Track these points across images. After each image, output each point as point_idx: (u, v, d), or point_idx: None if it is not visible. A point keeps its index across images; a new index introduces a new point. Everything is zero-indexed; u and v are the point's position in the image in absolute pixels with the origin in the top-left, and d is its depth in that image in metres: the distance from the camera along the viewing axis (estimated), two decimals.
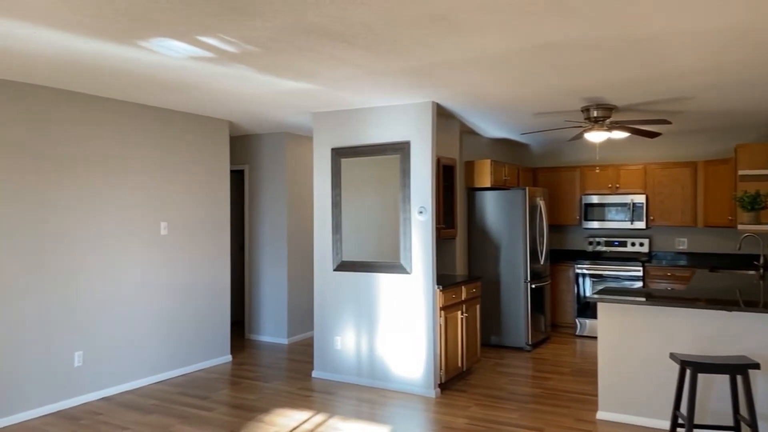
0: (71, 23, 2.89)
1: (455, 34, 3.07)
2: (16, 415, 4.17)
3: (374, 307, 5.11)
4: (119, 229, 4.89)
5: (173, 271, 5.37)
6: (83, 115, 4.62)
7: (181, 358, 5.45)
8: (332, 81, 4.16)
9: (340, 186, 5.30)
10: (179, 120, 5.44)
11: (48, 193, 4.38)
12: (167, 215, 5.32)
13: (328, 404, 4.61)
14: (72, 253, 4.53)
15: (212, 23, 2.88)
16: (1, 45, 3.26)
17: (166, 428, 4.07)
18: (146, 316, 5.12)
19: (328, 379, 5.30)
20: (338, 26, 2.93)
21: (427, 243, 4.86)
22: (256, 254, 7.00)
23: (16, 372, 4.18)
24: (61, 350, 4.47)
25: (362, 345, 5.17)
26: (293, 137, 6.87)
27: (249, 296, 7.07)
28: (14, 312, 4.16)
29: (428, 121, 4.87)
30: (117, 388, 4.87)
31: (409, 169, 4.94)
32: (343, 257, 5.28)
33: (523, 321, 6.40)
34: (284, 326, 6.76)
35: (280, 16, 2.78)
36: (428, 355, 4.84)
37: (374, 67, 3.77)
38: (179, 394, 4.86)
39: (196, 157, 5.63)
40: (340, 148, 5.29)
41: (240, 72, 3.89)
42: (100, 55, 3.47)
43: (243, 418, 4.29)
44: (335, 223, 5.32)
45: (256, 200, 7.00)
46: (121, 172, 4.92)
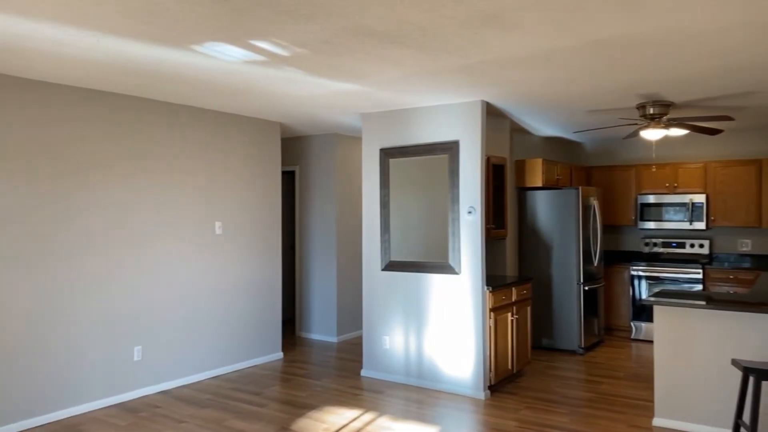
0: (133, 31, 3.00)
1: (506, 33, 3.04)
2: (82, 405, 4.37)
3: (422, 307, 5.11)
4: (177, 228, 5.06)
5: (227, 270, 5.52)
6: (144, 119, 4.79)
7: (235, 355, 5.59)
8: (381, 81, 4.18)
9: (388, 186, 5.32)
10: (233, 123, 5.58)
11: (112, 195, 4.57)
12: (222, 215, 5.47)
13: (377, 403, 4.63)
14: (133, 252, 4.72)
15: (265, 28, 2.94)
16: (67, 53, 3.43)
17: (221, 422, 4.19)
18: (201, 313, 5.28)
19: (377, 378, 5.33)
20: (388, 27, 2.94)
21: (476, 243, 4.82)
22: (306, 254, 7.10)
23: (82, 365, 4.38)
24: (122, 345, 4.65)
25: (410, 345, 5.18)
26: (343, 138, 6.93)
27: (299, 295, 7.18)
28: (80, 308, 4.36)
29: (477, 121, 4.83)
30: (174, 383, 5.03)
31: (458, 168, 4.91)
32: (391, 257, 5.29)
33: (575, 324, 6.26)
34: (333, 325, 6.84)
35: (331, 19, 2.81)
36: (477, 357, 4.80)
37: (424, 67, 3.77)
38: (233, 389, 4.98)
39: (250, 158, 5.76)
40: (389, 148, 5.31)
41: (291, 74, 3.96)
42: (158, 60, 3.59)
43: (294, 414, 4.36)
44: (383, 223, 5.34)
45: (307, 200, 7.10)
46: (180, 174, 5.08)
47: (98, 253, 4.49)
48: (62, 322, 4.26)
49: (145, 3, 2.60)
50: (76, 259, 4.34)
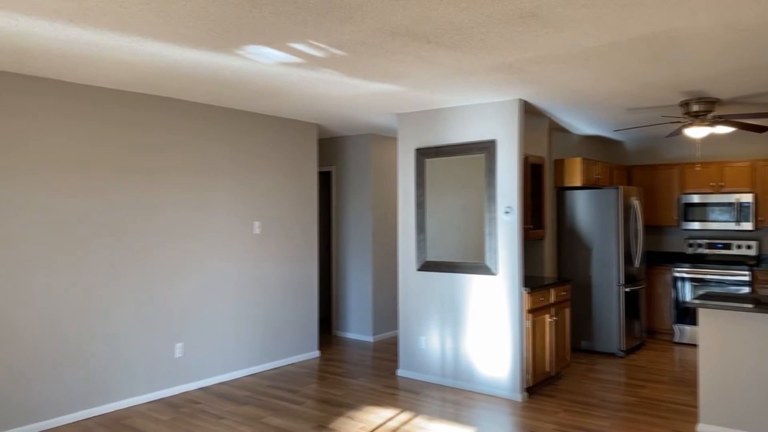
0: (174, 35, 3.08)
1: (544, 30, 3.00)
2: (126, 400, 4.50)
3: (458, 308, 5.08)
4: (216, 228, 5.16)
5: (265, 269, 5.60)
6: (183, 122, 4.90)
7: (272, 353, 5.67)
8: (417, 81, 4.18)
9: (424, 186, 5.31)
10: (272, 124, 5.66)
11: (153, 196, 4.69)
12: (260, 215, 5.55)
13: (413, 403, 4.63)
14: (174, 251, 4.83)
15: (303, 30, 2.97)
16: (111, 57, 3.53)
17: (258, 419, 4.25)
18: (240, 311, 5.37)
19: (413, 378, 5.33)
20: (424, 27, 2.94)
21: (514, 244, 4.78)
22: (342, 253, 7.15)
23: (125, 361, 4.51)
24: (164, 342, 4.77)
25: (447, 345, 5.16)
26: (379, 138, 6.95)
27: (335, 294, 7.23)
28: (125, 305, 4.49)
29: (515, 119, 4.78)
30: (213, 379, 5.14)
31: (495, 168, 4.87)
32: (427, 257, 5.28)
33: (616, 326, 6.14)
34: (369, 324, 6.87)
35: (368, 20, 2.83)
36: (514, 358, 4.75)
37: (460, 66, 3.75)
38: (270, 386, 5.05)
39: (287, 159, 5.83)
40: (425, 148, 5.30)
41: (328, 76, 3.99)
42: (198, 63, 3.67)
43: (330, 412, 4.40)
44: (419, 223, 5.33)
45: (343, 201, 7.15)
46: (219, 175, 5.18)
47: (142, 253, 4.61)
48: (109, 320, 4.40)
49: (187, 8, 2.66)
50: (120, 259, 4.47)
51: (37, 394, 4.01)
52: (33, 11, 2.71)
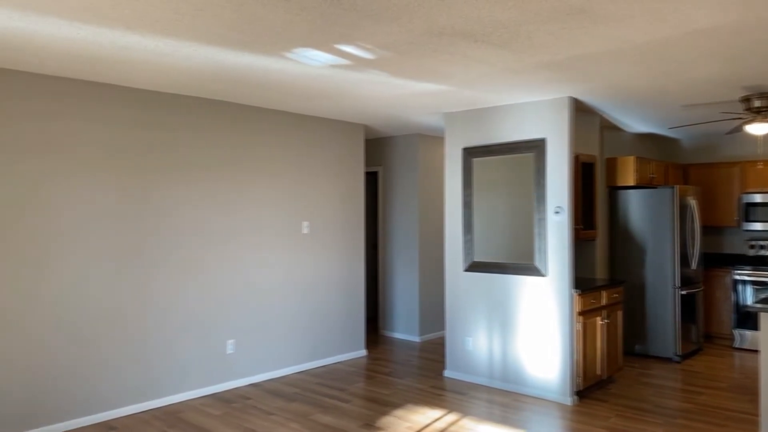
0: (226, 40, 3.16)
1: (595, 26, 2.94)
2: (180, 394, 4.65)
3: (507, 309, 5.03)
4: (267, 227, 5.27)
5: (313, 268, 5.68)
6: (234, 124, 5.03)
7: (320, 351, 5.75)
8: (465, 80, 4.16)
9: (471, 186, 5.28)
10: (319, 125, 5.74)
11: (206, 196, 4.83)
12: (308, 215, 5.64)
13: (460, 404, 4.61)
14: (226, 250, 4.96)
15: (351, 32, 3.01)
16: (167, 62, 3.66)
17: (307, 416, 4.32)
18: (289, 309, 5.47)
19: (460, 380, 5.30)
20: (472, 26, 2.92)
21: (564, 244, 4.69)
22: (388, 253, 7.18)
23: (180, 357, 4.66)
24: (216, 339, 4.90)
25: (494, 347, 5.11)
26: (425, 138, 6.95)
27: (382, 294, 7.26)
28: (180, 302, 4.64)
29: (565, 118, 4.69)
30: (263, 376, 5.24)
31: (545, 167, 4.79)
32: (474, 257, 5.25)
33: (671, 330, 5.94)
34: (416, 324, 6.86)
35: (415, 20, 2.83)
36: (564, 361, 4.66)
37: (508, 65, 3.71)
38: (319, 384, 5.12)
39: (335, 160, 5.90)
40: (472, 147, 5.26)
41: (375, 77, 4.02)
42: (248, 67, 3.76)
43: (377, 411, 4.42)
44: (466, 223, 5.30)
45: (389, 201, 7.17)
46: (269, 176, 5.29)
47: (197, 251, 4.75)
48: (165, 316, 4.55)
49: (239, 13, 2.73)
50: (176, 257, 4.62)
51: (98, 387, 4.18)
52: (94, 20, 2.83)
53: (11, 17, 2.80)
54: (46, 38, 3.13)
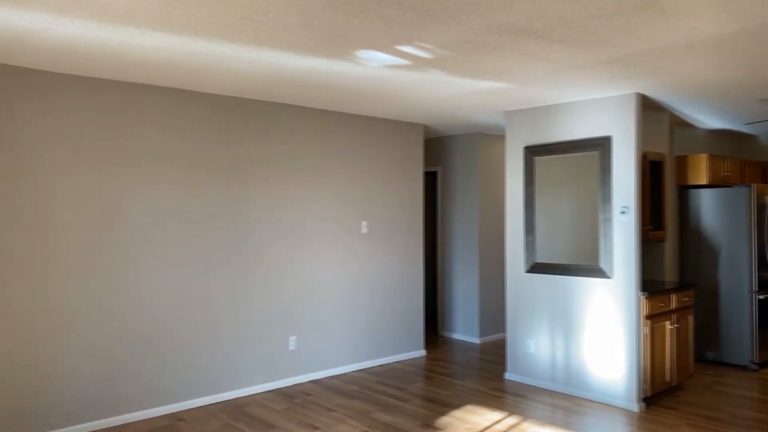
0: (289, 44, 3.24)
1: (664, 19, 2.83)
2: (244, 389, 4.80)
3: (570, 312, 4.91)
4: (327, 227, 5.36)
5: (372, 268, 5.73)
6: (295, 126, 5.14)
7: (380, 349, 5.79)
8: (526, 78, 4.09)
9: (533, 185, 5.18)
10: (379, 126, 5.78)
11: (268, 197, 4.96)
12: (367, 215, 5.69)
13: (521, 407, 4.53)
14: (288, 248, 5.07)
15: (410, 32, 3.02)
16: (232, 68, 3.78)
17: (367, 414, 4.36)
18: (349, 308, 5.53)
19: (521, 382, 5.21)
20: (532, 22, 2.88)
21: (631, 246, 4.53)
22: (448, 253, 7.14)
23: (244, 352, 4.80)
24: (279, 335, 5.02)
25: (557, 350, 5.00)
26: (485, 137, 6.87)
27: (441, 294, 7.24)
28: (244, 300, 4.79)
29: (631, 115, 4.54)
30: (324, 373, 5.33)
31: (610, 166, 4.64)
32: (536, 259, 5.15)
33: (747, 336, 5.63)
34: (476, 325, 6.80)
35: (474, 19, 2.81)
36: (630, 366, 4.51)
37: (571, 61, 3.63)
38: (378, 383, 5.16)
39: (394, 160, 5.93)
40: (534, 146, 5.17)
41: (435, 76, 4.01)
42: (311, 70, 3.83)
43: (436, 412, 4.42)
44: (528, 224, 5.21)
45: (449, 201, 7.14)
46: (329, 176, 5.37)
47: (262, 249, 4.89)
48: (230, 313, 4.71)
49: (300, 17, 2.79)
50: (240, 256, 4.77)
51: (167, 379, 4.37)
52: (164, 27, 2.96)
53: (89, 27, 2.96)
54: (121, 46, 3.29)
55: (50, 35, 3.09)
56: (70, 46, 3.29)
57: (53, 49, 3.35)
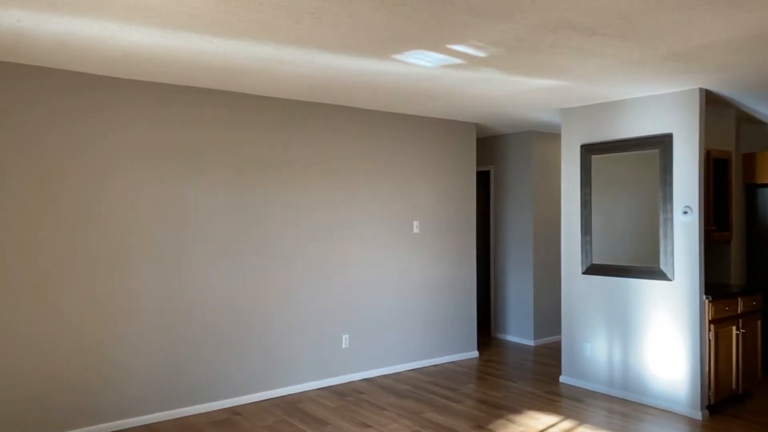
0: (340, 46, 3.28)
1: (729, 11, 2.71)
2: (298, 385, 4.89)
3: (628, 315, 4.76)
4: (379, 227, 5.39)
5: (424, 268, 5.72)
6: (346, 127, 5.19)
7: (432, 350, 5.78)
8: (582, 75, 4.00)
9: (589, 184, 5.06)
10: (430, 126, 5.77)
11: (322, 197, 5.03)
12: (419, 215, 5.69)
13: (577, 411, 4.43)
14: (341, 248, 5.14)
15: (462, 31, 3.01)
16: (285, 70, 3.86)
17: (419, 414, 4.36)
18: (402, 307, 5.55)
19: (577, 386, 5.10)
20: (588, 18, 2.81)
21: (693, 247, 4.36)
22: (501, 254, 7.06)
23: (299, 349, 4.89)
24: (332, 333, 5.09)
25: (615, 353, 4.86)
26: (540, 135, 6.75)
27: (494, 295, 7.16)
28: (298, 298, 4.88)
29: (694, 111, 4.37)
30: (376, 371, 5.37)
31: (671, 164, 4.48)
32: (593, 260, 5.02)
33: None
34: (530, 327, 6.69)
35: (527, 16, 2.78)
36: (693, 372, 4.34)
37: (629, 57, 3.52)
38: (430, 383, 5.15)
39: (446, 160, 5.91)
40: (590, 144, 5.04)
41: (487, 75, 3.98)
42: (363, 71, 3.87)
43: (490, 414, 4.37)
44: (584, 224, 5.09)
45: (502, 200, 7.05)
46: (381, 176, 5.41)
47: (313, 249, 4.97)
48: (285, 310, 4.80)
49: (353, 19, 2.83)
50: (294, 254, 4.86)
51: (223, 375, 4.50)
52: (223, 32, 3.06)
53: (152, 34, 3.09)
54: (181, 51, 3.42)
55: (116, 43, 3.24)
56: (135, 53, 3.44)
57: (118, 56, 3.51)
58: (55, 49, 3.35)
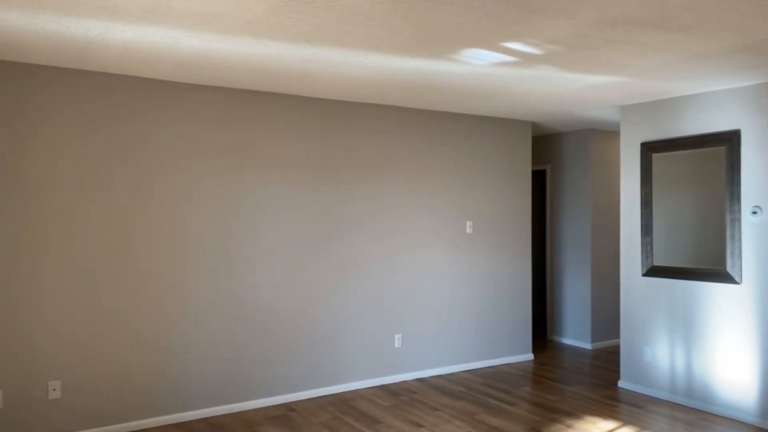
0: (395, 47, 3.30)
1: None
2: (351, 383, 4.93)
3: (692, 318, 4.58)
4: (432, 226, 5.38)
5: (478, 268, 5.67)
6: (398, 126, 5.21)
7: (485, 351, 5.72)
8: (643, 71, 3.87)
9: (650, 183, 4.89)
10: (484, 124, 5.72)
11: (373, 196, 5.06)
12: (472, 215, 5.64)
13: (637, 418, 4.30)
14: (395, 249, 5.15)
15: (517, 29, 2.96)
16: (339, 72, 3.90)
17: (472, 415, 4.33)
18: (455, 308, 5.52)
19: (636, 391, 4.94)
20: (649, 11, 2.72)
21: (763, 249, 4.15)
22: (557, 254, 6.91)
23: (352, 348, 4.94)
24: (385, 332, 5.12)
25: (677, 359, 4.68)
26: (598, 133, 6.58)
27: (551, 297, 7.02)
28: (351, 296, 4.93)
29: (765, 106, 4.15)
30: (429, 372, 5.36)
31: (739, 162, 4.28)
32: (653, 261, 4.85)
33: None
34: (588, 330, 6.53)
35: (585, 11, 2.71)
36: (763, 380, 4.13)
37: (693, 51, 3.39)
38: (484, 384, 5.10)
39: (500, 159, 5.83)
40: (651, 142, 4.87)
41: (543, 72, 3.91)
42: (416, 71, 3.87)
43: (545, 417, 4.29)
44: (645, 224, 4.92)
45: (558, 200, 6.90)
46: (433, 176, 5.39)
47: (365, 249, 5.01)
48: (339, 309, 4.86)
49: (407, 20, 2.84)
50: (346, 254, 4.91)
51: (278, 372, 4.60)
52: (279, 36, 3.12)
53: (211, 40, 3.19)
54: (240, 56, 3.51)
55: (177, 48, 3.36)
56: (195, 58, 3.56)
57: (179, 62, 3.64)
58: (121, 56, 3.51)
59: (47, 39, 3.17)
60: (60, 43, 3.26)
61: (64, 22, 2.89)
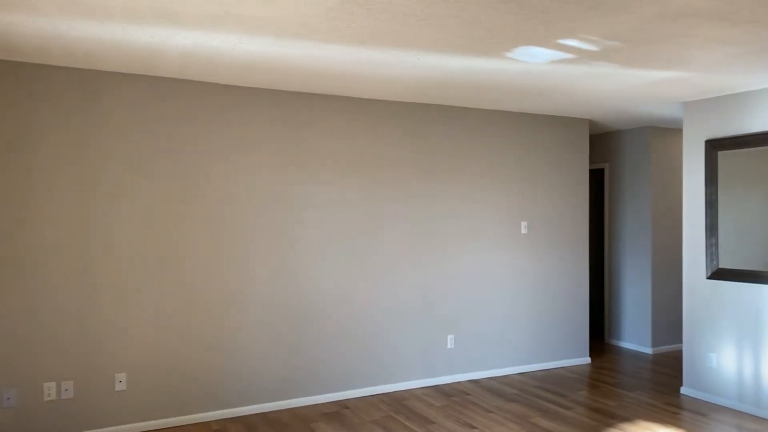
0: (448, 46, 3.28)
1: None
2: (404, 383, 4.95)
3: (761, 324, 4.36)
4: (486, 226, 5.33)
5: (533, 269, 5.58)
6: (451, 126, 5.18)
7: (541, 354, 5.62)
8: (707, 65, 3.72)
9: (715, 182, 4.69)
10: (538, 123, 5.62)
11: (426, 197, 5.06)
12: (527, 215, 5.55)
13: (701, 426, 4.13)
14: (447, 249, 5.13)
15: (573, 25, 2.90)
16: (391, 73, 3.92)
17: (526, 418, 4.26)
18: (509, 309, 5.45)
19: (700, 399, 4.74)
20: (714, 3, 2.61)
21: None
22: (616, 256, 6.71)
23: (405, 347, 4.95)
24: (438, 333, 5.10)
25: (745, 366, 4.47)
26: (659, 131, 6.35)
27: (608, 299, 6.82)
28: (405, 297, 4.94)
29: None
30: (482, 373, 5.31)
31: None
32: (719, 264, 4.65)
33: None
34: (648, 334, 6.31)
35: (645, 6, 2.63)
36: None
37: (763, 44, 3.23)
38: (538, 387, 5.02)
39: (556, 158, 5.72)
40: (716, 139, 4.67)
41: (601, 69, 3.81)
42: (469, 70, 3.85)
43: (602, 423, 4.19)
44: (709, 225, 4.72)
45: (617, 200, 6.70)
46: (487, 176, 5.34)
47: (419, 250, 5.01)
48: (393, 309, 4.89)
49: (459, 18, 2.82)
50: (400, 255, 4.93)
51: (333, 370, 4.66)
52: (333, 38, 3.16)
53: (269, 44, 3.26)
54: (295, 60, 3.58)
55: (236, 53, 3.45)
56: (252, 62, 3.65)
57: (237, 66, 3.74)
58: (181, 61, 3.64)
59: (115, 46, 3.33)
60: (127, 50, 3.41)
61: (130, 30, 3.02)
